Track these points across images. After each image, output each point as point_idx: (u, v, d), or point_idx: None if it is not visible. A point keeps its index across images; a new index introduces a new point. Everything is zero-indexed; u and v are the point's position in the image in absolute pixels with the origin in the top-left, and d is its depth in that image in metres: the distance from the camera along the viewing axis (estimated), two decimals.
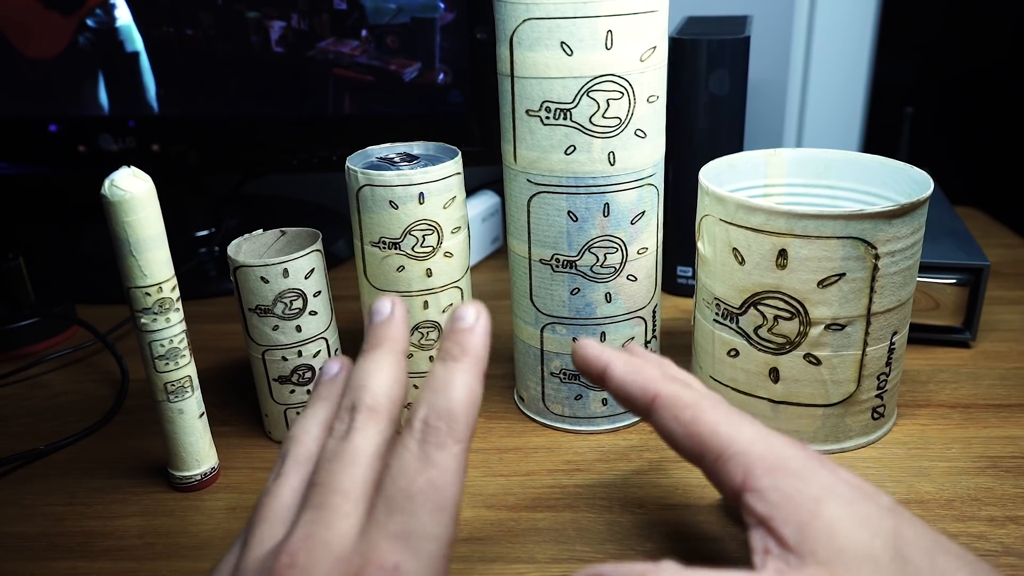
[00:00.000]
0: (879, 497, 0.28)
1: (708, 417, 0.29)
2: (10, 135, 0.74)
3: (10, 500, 0.46)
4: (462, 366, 0.28)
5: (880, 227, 0.41)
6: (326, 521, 0.26)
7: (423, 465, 0.26)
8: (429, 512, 0.25)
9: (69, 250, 0.80)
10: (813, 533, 0.26)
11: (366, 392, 0.29)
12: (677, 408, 0.30)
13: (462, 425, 0.27)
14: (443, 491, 0.26)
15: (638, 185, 0.44)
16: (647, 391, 0.31)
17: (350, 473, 0.27)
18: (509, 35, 0.42)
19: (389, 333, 0.31)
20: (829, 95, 0.85)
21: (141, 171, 0.40)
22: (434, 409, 0.27)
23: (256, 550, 0.27)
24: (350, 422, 0.28)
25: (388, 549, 0.25)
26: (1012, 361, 0.55)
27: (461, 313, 0.30)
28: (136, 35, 0.68)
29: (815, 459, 0.29)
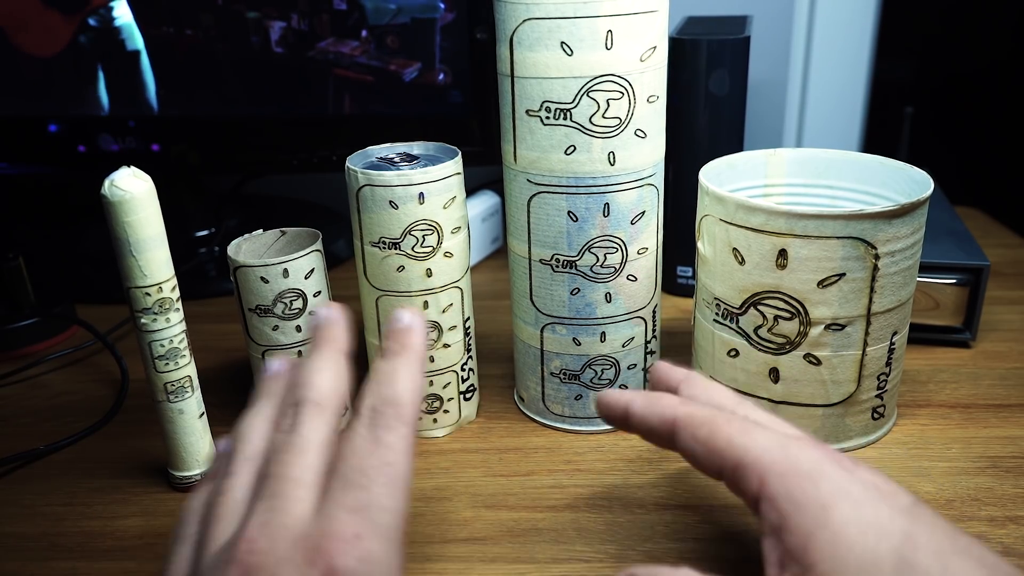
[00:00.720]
0: (896, 496, 0.28)
1: (723, 431, 0.30)
2: (10, 135, 0.74)
3: (10, 500, 0.46)
4: (403, 360, 0.30)
5: (880, 227, 0.41)
6: (281, 507, 0.26)
7: (374, 446, 0.27)
8: (383, 486, 0.27)
9: (69, 250, 0.80)
10: (818, 544, 0.26)
11: (310, 388, 0.30)
12: (693, 427, 0.31)
13: (408, 409, 0.29)
14: (395, 467, 0.27)
15: (638, 185, 0.44)
16: (665, 419, 0.32)
17: (300, 462, 0.28)
18: (509, 35, 0.42)
19: (331, 335, 0.32)
20: (829, 95, 0.85)
21: (141, 171, 0.40)
22: (380, 397, 0.29)
23: (213, 546, 0.27)
24: (295, 416, 0.29)
25: (347, 521, 0.26)
26: (1012, 361, 0.55)
27: (397, 315, 0.32)
28: (137, 34, 0.68)
29: (830, 459, 0.29)
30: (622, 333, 0.48)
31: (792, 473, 0.28)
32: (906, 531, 0.27)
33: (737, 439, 0.30)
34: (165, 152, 0.72)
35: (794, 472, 0.28)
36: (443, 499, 0.44)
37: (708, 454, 0.30)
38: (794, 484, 0.28)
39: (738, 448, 0.29)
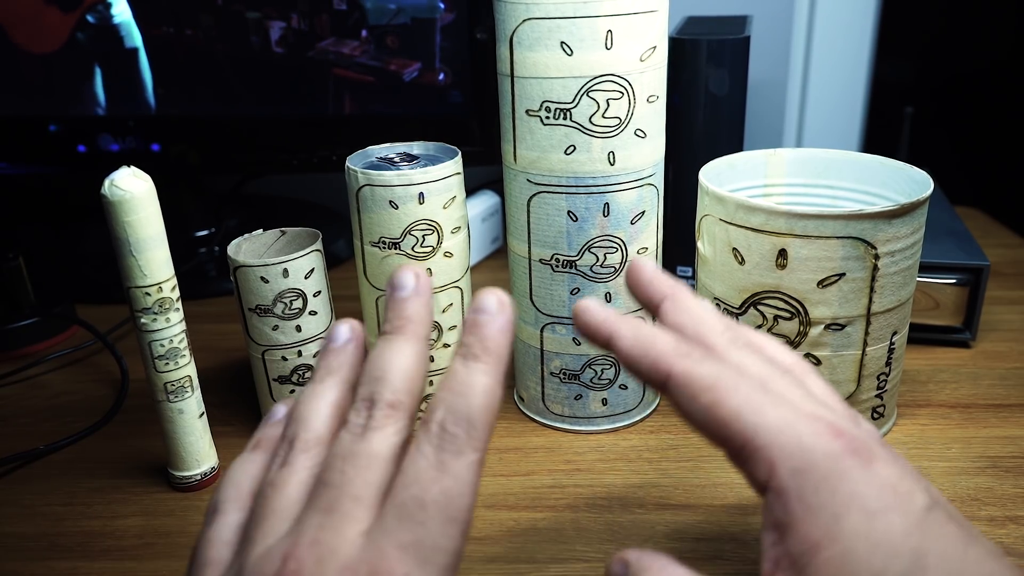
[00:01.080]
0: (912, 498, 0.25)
1: (729, 402, 0.26)
2: (10, 135, 0.74)
3: (10, 500, 0.46)
4: (483, 367, 0.27)
5: (880, 227, 0.41)
6: (335, 526, 0.25)
7: (438, 473, 0.25)
8: (440, 523, 0.25)
9: (69, 250, 0.80)
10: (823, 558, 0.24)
11: (386, 385, 0.27)
12: (693, 390, 0.27)
13: (480, 432, 0.26)
14: (456, 502, 0.25)
15: (638, 185, 0.44)
16: (658, 370, 0.28)
17: (364, 478, 0.26)
18: (509, 35, 0.42)
19: (411, 313, 0.28)
20: (829, 95, 0.85)
21: (141, 171, 0.40)
22: (452, 412, 0.26)
23: (260, 547, 0.26)
24: (368, 418, 0.27)
25: (397, 559, 0.24)
26: (1012, 361, 0.55)
27: (483, 303, 0.27)
28: (135, 32, 0.68)
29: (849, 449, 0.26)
30: None
31: (807, 470, 0.25)
32: (916, 550, 0.24)
33: (746, 415, 0.26)
34: (165, 152, 0.72)
35: (810, 469, 0.25)
36: None
37: (708, 424, 0.27)
38: (808, 484, 0.25)
39: (747, 427, 0.26)
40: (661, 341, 0.28)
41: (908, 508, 0.25)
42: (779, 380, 0.28)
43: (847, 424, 0.27)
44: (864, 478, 0.25)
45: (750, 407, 0.26)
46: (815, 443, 0.25)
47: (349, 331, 0.30)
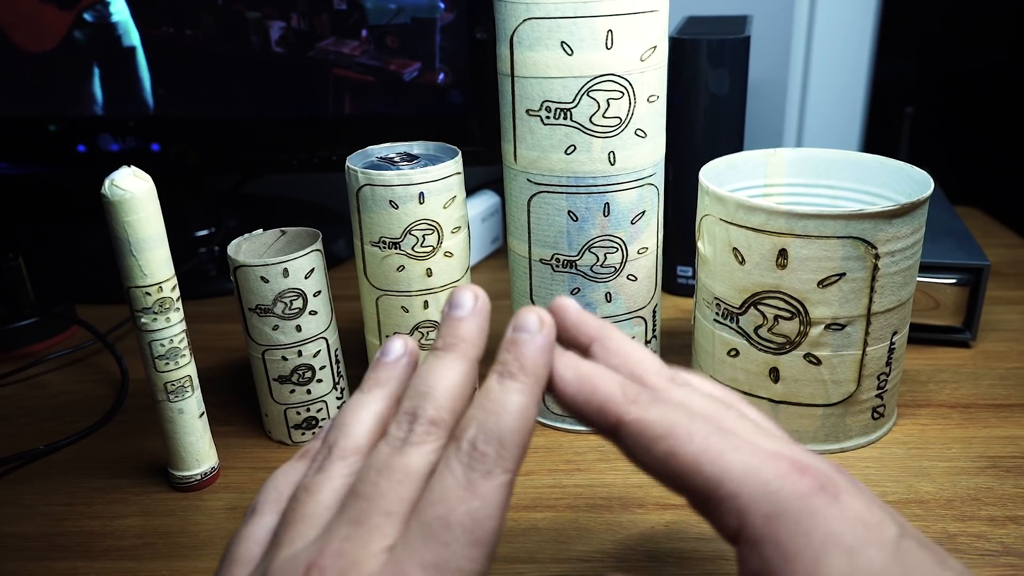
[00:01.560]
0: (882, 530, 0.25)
1: (687, 449, 0.25)
2: (10, 135, 0.74)
3: (10, 500, 0.46)
4: (519, 386, 0.26)
5: (880, 227, 0.41)
6: (362, 539, 0.25)
7: (466, 493, 0.24)
8: (465, 545, 0.24)
9: (69, 250, 0.80)
10: None
11: (430, 401, 0.27)
12: (646, 439, 0.26)
13: (511, 452, 0.25)
14: (483, 524, 0.24)
15: (638, 185, 0.44)
16: (607, 417, 0.27)
17: (397, 493, 0.25)
18: (509, 35, 0.42)
19: (465, 333, 0.28)
20: (829, 95, 0.85)
21: (141, 171, 0.40)
22: (484, 431, 0.25)
23: (287, 550, 0.26)
24: (408, 432, 0.26)
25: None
26: (1012, 361, 0.55)
27: (524, 321, 0.27)
28: (133, 31, 0.68)
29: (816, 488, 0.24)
30: None
31: (779, 515, 0.24)
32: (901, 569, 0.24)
33: (707, 463, 0.25)
34: (165, 152, 0.72)
35: (782, 514, 0.24)
36: None
37: (668, 473, 0.25)
38: (783, 530, 0.24)
39: (711, 476, 0.25)
40: (606, 384, 0.27)
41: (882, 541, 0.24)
42: (727, 416, 0.27)
43: (806, 458, 0.26)
44: (836, 515, 0.24)
45: (709, 454, 0.25)
46: (783, 485, 0.24)
47: (403, 347, 0.30)
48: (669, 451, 0.25)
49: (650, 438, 0.25)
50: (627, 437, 0.26)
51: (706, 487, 0.25)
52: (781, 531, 0.24)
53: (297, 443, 0.49)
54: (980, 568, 0.38)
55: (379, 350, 0.30)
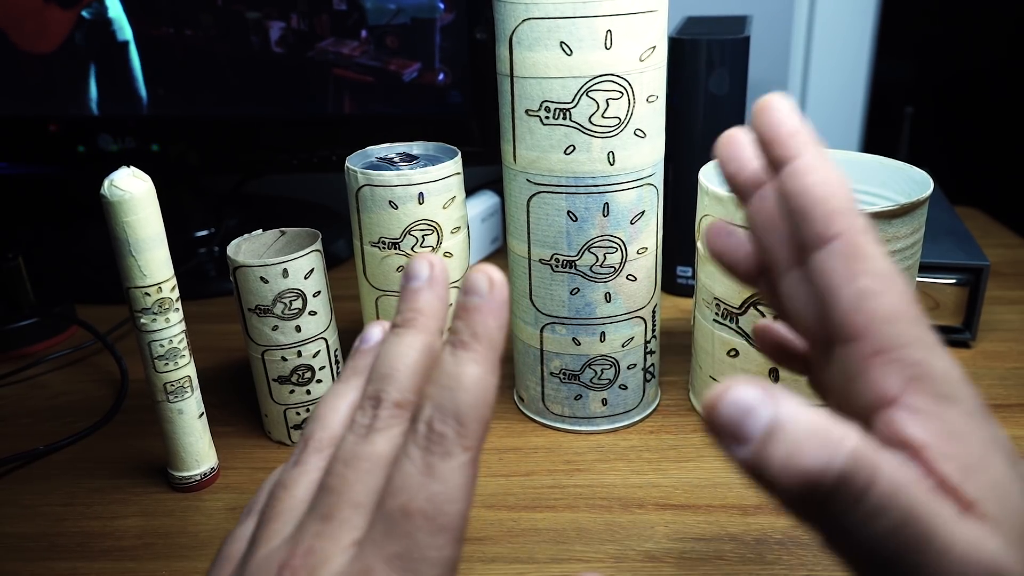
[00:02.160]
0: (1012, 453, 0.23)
1: (890, 300, 0.23)
2: (10, 135, 0.74)
3: (10, 500, 0.46)
4: (472, 355, 0.24)
5: (880, 227, 0.41)
6: (331, 534, 0.24)
7: (426, 479, 0.23)
8: (428, 534, 0.23)
9: (69, 250, 0.80)
10: (982, 482, 0.22)
11: (392, 383, 0.26)
12: (857, 268, 0.23)
13: (471, 430, 0.24)
14: (445, 510, 0.23)
15: (638, 185, 0.44)
16: (831, 223, 0.24)
17: (365, 483, 0.25)
18: (509, 35, 0.42)
19: (423, 305, 0.27)
20: (829, 95, 0.85)
21: (141, 171, 0.40)
22: (440, 410, 0.24)
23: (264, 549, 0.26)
24: (373, 418, 0.25)
25: (383, 572, 0.23)
26: (1012, 361, 0.55)
27: (472, 284, 0.25)
28: (127, 28, 0.68)
29: (984, 408, 0.23)
30: (622, 333, 0.48)
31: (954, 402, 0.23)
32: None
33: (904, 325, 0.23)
34: (165, 152, 0.72)
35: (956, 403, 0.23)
36: None
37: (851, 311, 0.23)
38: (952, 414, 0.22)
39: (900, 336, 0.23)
40: (847, 192, 0.24)
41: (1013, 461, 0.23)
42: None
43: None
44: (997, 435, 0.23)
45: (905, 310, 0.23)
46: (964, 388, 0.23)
47: (381, 333, 0.29)
48: (874, 291, 0.23)
49: (864, 271, 0.23)
50: (836, 255, 0.24)
51: (888, 340, 0.23)
52: (952, 412, 0.22)
53: (297, 443, 0.49)
54: None
55: (358, 337, 0.29)
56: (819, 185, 0.24)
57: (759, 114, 0.26)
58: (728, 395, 0.21)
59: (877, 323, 0.23)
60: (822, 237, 0.24)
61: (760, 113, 0.26)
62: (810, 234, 0.24)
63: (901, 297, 0.23)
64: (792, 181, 0.25)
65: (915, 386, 0.22)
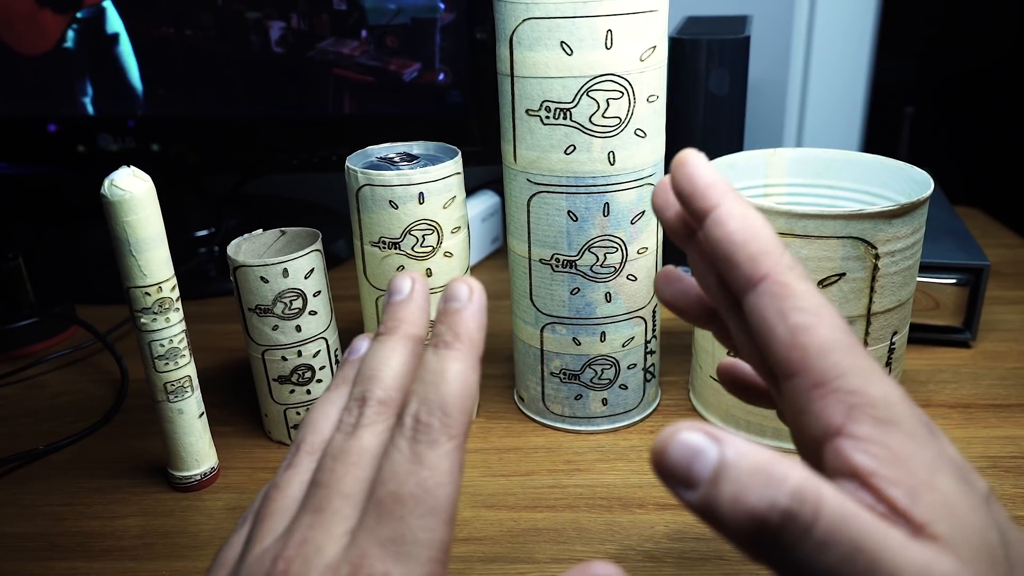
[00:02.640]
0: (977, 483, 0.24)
1: (823, 333, 0.24)
2: (10, 135, 0.74)
3: (10, 500, 0.46)
4: (454, 353, 0.26)
5: (880, 227, 0.41)
6: (324, 525, 0.25)
7: (413, 466, 0.25)
8: (419, 517, 0.24)
9: (69, 250, 0.80)
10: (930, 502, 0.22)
11: (377, 383, 0.27)
12: (787, 305, 0.24)
13: (456, 420, 0.25)
14: (434, 493, 0.24)
15: (638, 185, 0.44)
16: (757, 266, 0.25)
17: (354, 475, 0.26)
18: (509, 35, 0.42)
19: (405, 315, 0.29)
20: (829, 95, 0.85)
21: (141, 171, 0.40)
22: (425, 403, 0.25)
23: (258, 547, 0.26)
24: (359, 416, 0.27)
25: (377, 556, 0.24)
26: (1012, 361, 0.55)
27: (453, 291, 0.27)
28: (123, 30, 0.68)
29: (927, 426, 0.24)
30: (622, 333, 0.48)
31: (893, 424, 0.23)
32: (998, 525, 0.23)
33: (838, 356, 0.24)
34: (165, 152, 0.72)
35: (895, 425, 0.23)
36: None
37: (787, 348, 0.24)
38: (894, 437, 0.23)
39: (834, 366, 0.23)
40: (771, 236, 0.25)
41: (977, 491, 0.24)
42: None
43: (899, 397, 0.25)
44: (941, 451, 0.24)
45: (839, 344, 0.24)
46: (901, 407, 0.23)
47: (368, 344, 0.30)
48: (805, 325, 0.24)
49: (792, 307, 0.24)
50: (765, 295, 0.25)
51: (823, 372, 0.23)
52: (893, 435, 0.23)
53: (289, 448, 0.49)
54: None
55: (348, 348, 0.31)
56: (740, 231, 0.25)
57: (676, 171, 0.27)
58: (675, 440, 0.22)
59: (812, 357, 0.24)
60: (750, 280, 0.25)
61: (677, 169, 0.27)
62: (739, 278, 0.25)
63: (833, 328, 0.24)
64: (714, 230, 0.26)
65: (856, 414, 0.23)
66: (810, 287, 0.25)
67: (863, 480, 0.22)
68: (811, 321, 0.24)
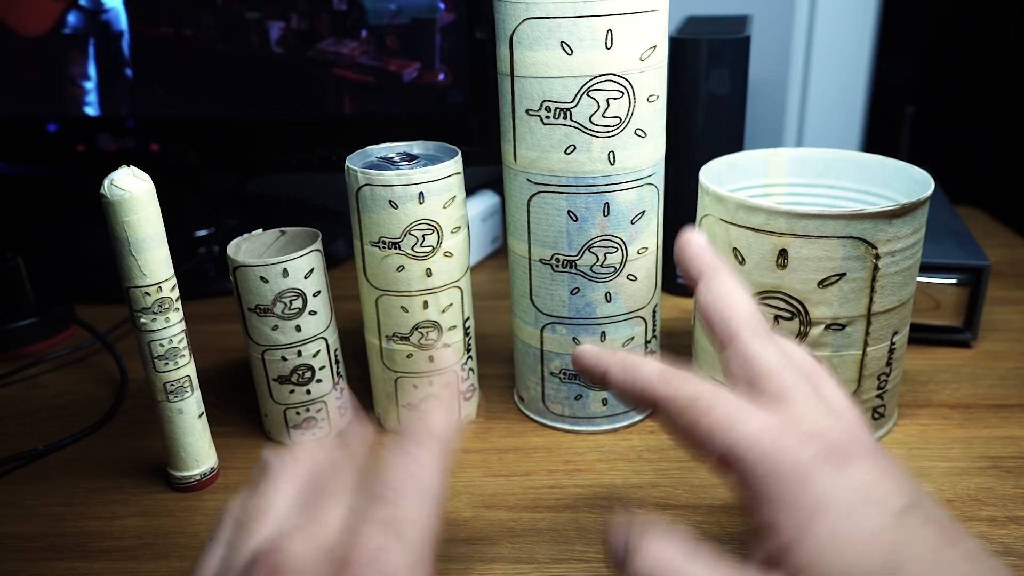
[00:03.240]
0: (891, 499, 0.26)
1: (704, 421, 0.29)
2: (10, 135, 0.74)
3: (10, 500, 0.46)
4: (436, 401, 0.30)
5: (880, 227, 0.41)
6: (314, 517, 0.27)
7: (403, 459, 0.28)
8: (410, 499, 0.27)
9: (69, 250, 0.80)
10: (801, 554, 0.25)
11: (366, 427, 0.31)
12: (673, 413, 0.30)
13: (439, 428, 0.29)
14: (423, 481, 0.27)
15: (638, 185, 0.44)
16: (645, 396, 0.31)
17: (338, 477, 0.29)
18: (509, 35, 0.42)
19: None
20: (829, 95, 0.85)
21: (141, 171, 0.40)
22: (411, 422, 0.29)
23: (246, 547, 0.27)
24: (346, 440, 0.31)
25: (372, 534, 0.26)
26: (1012, 361, 0.55)
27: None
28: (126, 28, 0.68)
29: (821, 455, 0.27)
30: (622, 333, 0.48)
31: (778, 475, 0.27)
32: (894, 544, 0.25)
33: (719, 435, 0.28)
34: (165, 152, 0.72)
35: (780, 474, 0.27)
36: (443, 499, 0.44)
37: (690, 442, 0.29)
38: (777, 490, 0.27)
39: (721, 443, 0.28)
40: (646, 369, 0.32)
41: (882, 510, 0.26)
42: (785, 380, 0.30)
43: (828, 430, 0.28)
44: (834, 482, 0.26)
45: (722, 424, 0.28)
46: (785, 451, 0.27)
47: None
48: (692, 422, 0.29)
49: (676, 411, 0.30)
50: (660, 413, 0.31)
51: (718, 451, 0.28)
52: (776, 491, 0.27)
53: (296, 443, 0.49)
54: None
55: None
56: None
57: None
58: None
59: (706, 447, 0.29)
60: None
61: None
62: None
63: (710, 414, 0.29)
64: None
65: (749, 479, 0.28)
66: (685, 388, 0.30)
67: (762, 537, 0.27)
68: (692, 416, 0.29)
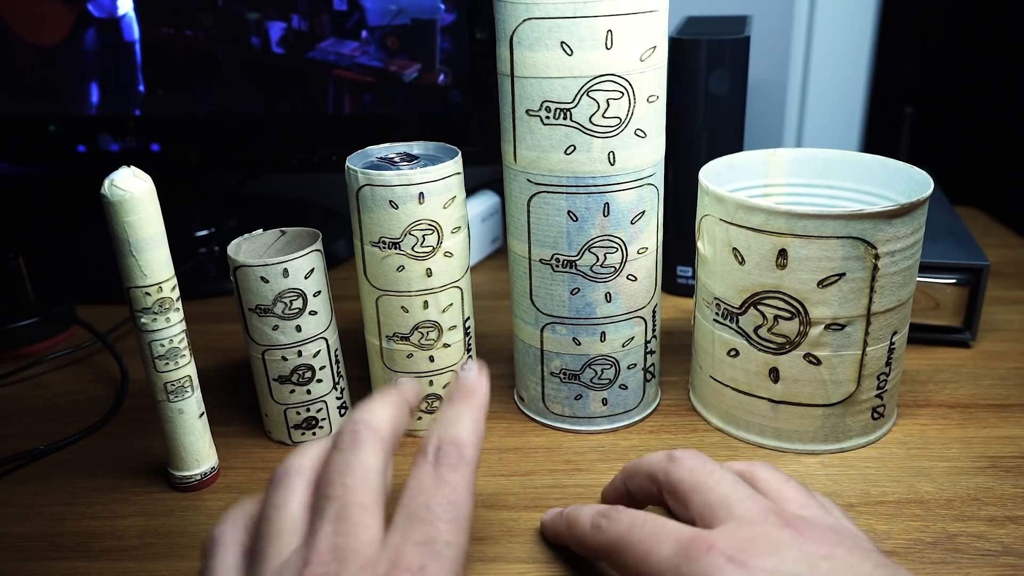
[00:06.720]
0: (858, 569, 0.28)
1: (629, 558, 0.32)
2: (10, 135, 0.74)
3: (10, 500, 0.46)
4: (467, 406, 0.32)
5: (880, 227, 0.41)
6: (350, 532, 0.28)
7: (439, 483, 0.29)
8: (447, 522, 0.28)
9: (69, 250, 0.80)
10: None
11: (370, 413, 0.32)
12: (604, 553, 0.34)
13: (470, 451, 0.30)
14: (458, 505, 0.29)
15: (638, 185, 0.44)
16: (583, 546, 0.36)
17: (365, 487, 0.29)
18: (509, 35, 0.42)
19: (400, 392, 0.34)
20: (829, 95, 0.85)
21: (141, 171, 0.40)
22: (444, 439, 0.30)
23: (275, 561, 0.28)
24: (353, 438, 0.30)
25: (414, 554, 0.27)
26: (1012, 361, 0.55)
27: (467, 367, 0.34)
28: (136, 29, 0.68)
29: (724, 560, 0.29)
30: (622, 333, 0.48)
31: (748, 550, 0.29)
32: None
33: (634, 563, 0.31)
34: (165, 152, 0.72)
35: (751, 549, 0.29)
36: None
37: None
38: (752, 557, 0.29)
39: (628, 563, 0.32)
40: (580, 521, 0.36)
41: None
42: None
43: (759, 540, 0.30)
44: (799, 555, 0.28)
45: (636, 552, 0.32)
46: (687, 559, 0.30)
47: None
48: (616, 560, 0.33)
49: (604, 553, 0.34)
50: (594, 554, 0.35)
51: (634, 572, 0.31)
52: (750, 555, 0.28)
53: (297, 443, 0.49)
54: (980, 568, 0.38)
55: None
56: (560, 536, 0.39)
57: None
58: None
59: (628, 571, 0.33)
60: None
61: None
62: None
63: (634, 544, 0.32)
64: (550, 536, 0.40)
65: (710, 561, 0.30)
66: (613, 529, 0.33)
67: None
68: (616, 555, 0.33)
